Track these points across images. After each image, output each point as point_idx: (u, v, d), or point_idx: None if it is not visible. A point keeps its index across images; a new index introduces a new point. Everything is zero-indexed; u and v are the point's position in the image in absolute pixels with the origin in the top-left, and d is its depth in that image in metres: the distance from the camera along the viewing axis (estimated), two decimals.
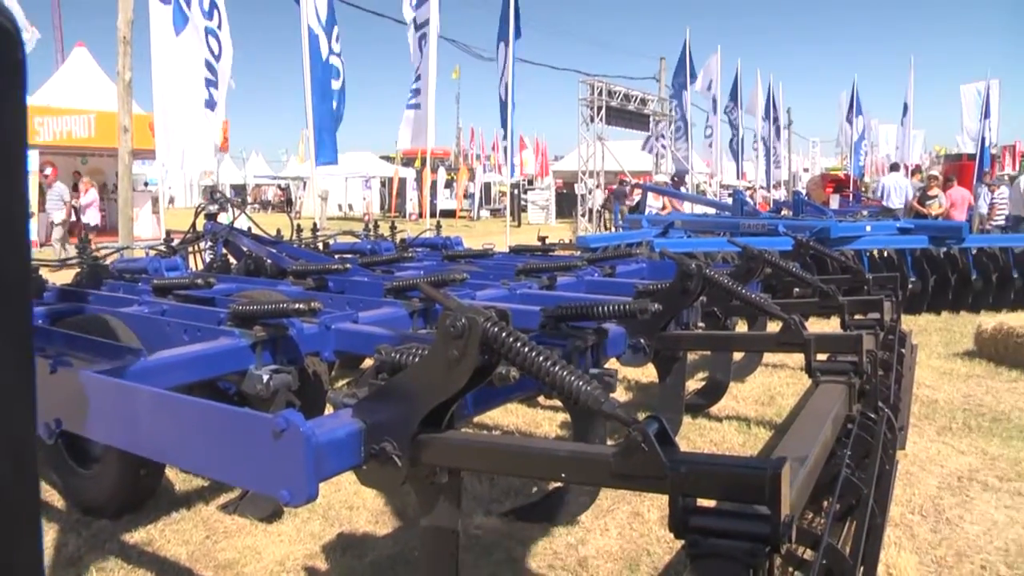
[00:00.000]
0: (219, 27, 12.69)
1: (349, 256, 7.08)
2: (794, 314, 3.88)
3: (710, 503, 1.99)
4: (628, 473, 1.97)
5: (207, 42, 12.44)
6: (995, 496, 4.68)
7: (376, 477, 2.35)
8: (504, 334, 2.14)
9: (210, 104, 12.56)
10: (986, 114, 28.13)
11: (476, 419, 5.55)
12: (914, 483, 4.82)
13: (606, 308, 3.48)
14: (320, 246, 8.43)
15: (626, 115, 26.11)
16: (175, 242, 7.73)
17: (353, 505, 4.37)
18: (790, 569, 2.52)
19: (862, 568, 2.44)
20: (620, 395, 6.68)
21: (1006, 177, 25.35)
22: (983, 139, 27.09)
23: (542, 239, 8.12)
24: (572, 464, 2.17)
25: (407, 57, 16.41)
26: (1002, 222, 17.73)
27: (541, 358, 2.15)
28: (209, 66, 12.48)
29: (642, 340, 4.03)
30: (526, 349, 2.15)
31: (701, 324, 4.91)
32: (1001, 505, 4.56)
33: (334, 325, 3.92)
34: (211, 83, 12.53)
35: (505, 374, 2.34)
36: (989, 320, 8.59)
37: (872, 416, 3.47)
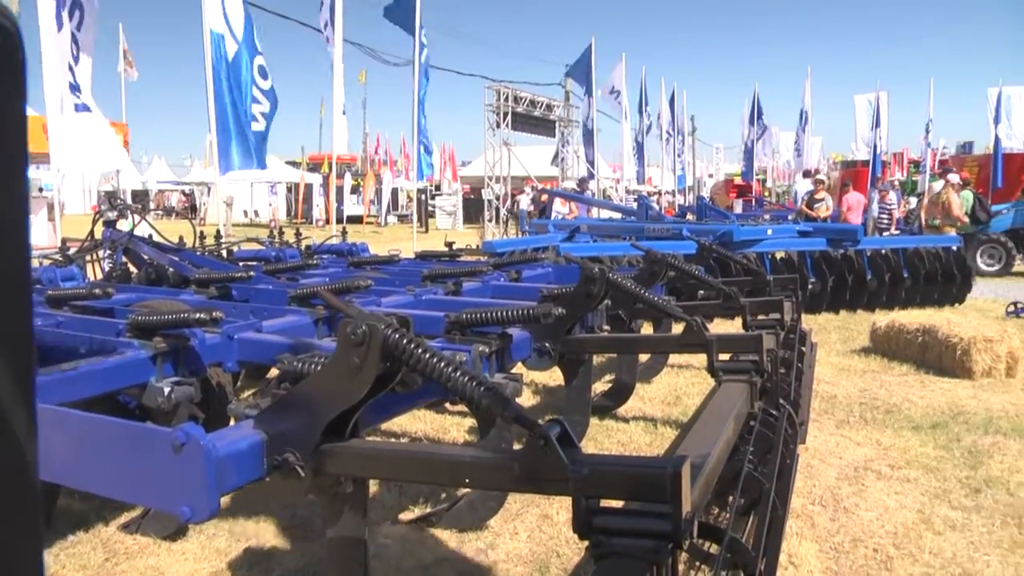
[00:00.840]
0: (78, 29, 11.93)
1: (253, 264, 6.96)
2: (696, 316, 3.95)
3: (617, 503, 2.01)
4: (531, 476, 1.97)
5: (71, 45, 11.71)
6: (887, 484, 4.92)
7: (280, 489, 2.31)
8: (405, 341, 2.12)
9: (81, 108, 11.78)
10: (876, 123, 29.28)
11: (383, 426, 5.51)
12: (815, 475, 4.98)
13: (510, 313, 3.49)
14: (224, 254, 8.26)
15: (532, 121, 26.32)
16: (71, 251, 7.46)
17: (259, 518, 4.28)
18: (696, 564, 2.56)
19: (764, 559, 2.50)
20: (527, 399, 6.72)
21: (896, 183, 26.38)
22: (875, 147, 28.21)
23: (449, 244, 8.10)
24: (476, 469, 2.17)
25: (313, 62, 16.23)
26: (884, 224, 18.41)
27: (443, 364, 2.14)
28: (71, 69, 11.70)
29: (547, 344, 4.05)
30: (427, 355, 2.14)
31: (606, 327, 4.97)
32: (892, 492, 4.79)
33: (237, 335, 3.82)
34: (75, 88, 11.71)
35: (408, 381, 2.33)
36: (883, 318, 8.96)
37: (774, 413, 3.55)
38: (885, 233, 19.31)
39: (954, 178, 15.75)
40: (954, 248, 12.58)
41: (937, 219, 14.73)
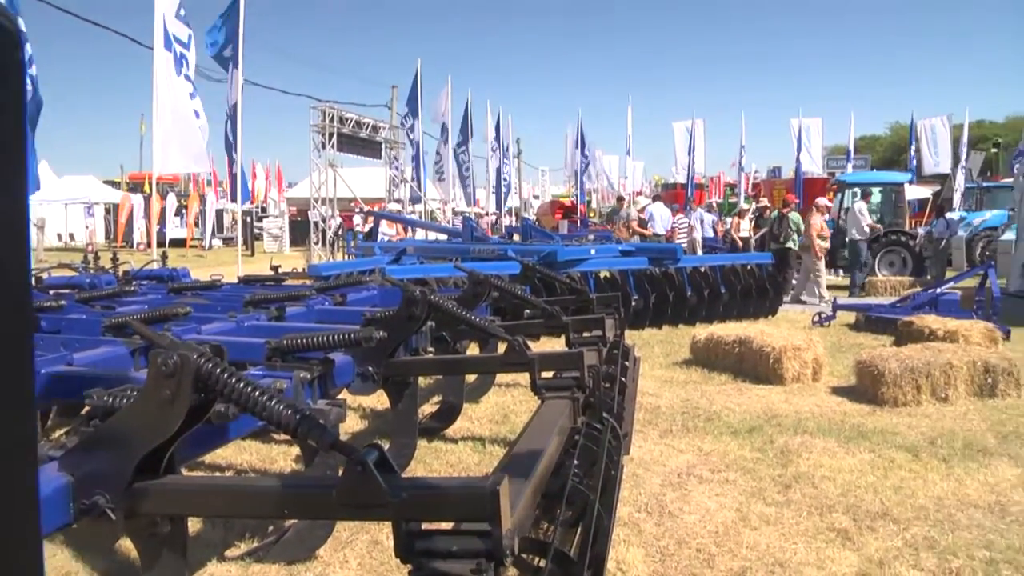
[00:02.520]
0: None
1: (66, 291, 6.56)
2: (518, 335, 4.01)
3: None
4: (351, 503, 1.95)
5: None
6: (708, 487, 5.17)
7: (90, 535, 2.19)
8: (219, 371, 2.06)
9: None
10: (692, 148, 30.82)
11: (208, 460, 5.31)
12: (640, 483, 5.15)
13: (332, 338, 3.45)
14: (32, 281, 7.75)
15: (358, 142, 26.06)
16: None
17: (70, 570, 4.01)
18: None
19: (591, 569, 2.55)
20: (354, 424, 6.63)
21: (714, 204, 27.79)
22: (690, 170, 29.73)
23: (275, 268, 7.91)
24: (296, 499, 2.12)
25: (132, 76, 15.43)
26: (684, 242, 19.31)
27: (257, 393, 2.09)
28: None
29: (370, 368, 4.01)
30: (242, 385, 2.08)
31: (431, 349, 4.97)
32: (713, 494, 5.04)
33: (44, 369, 3.60)
34: None
35: (223, 412, 2.26)
36: (702, 331, 9.39)
37: (597, 426, 3.65)
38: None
39: (821, 201, 16.67)
40: (767, 265, 13.39)
41: (807, 240, 15.53)
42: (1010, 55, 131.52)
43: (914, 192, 23.47)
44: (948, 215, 20.33)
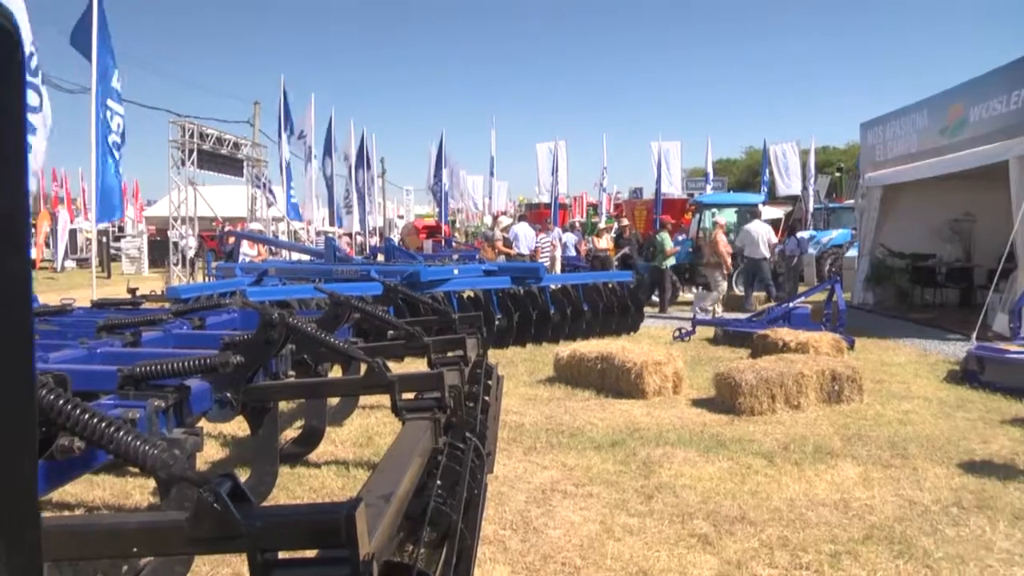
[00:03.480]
0: None
1: None
2: (379, 357, 3.98)
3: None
4: (203, 536, 1.89)
5: None
6: (573, 501, 5.25)
7: None
8: (61, 402, 1.97)
9: None
10: (555, 169, 31.33)
11: (54, 498, 5.05)
12: (505, 501, 5.19)
13: (187, 363, 3.34)
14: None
15: (219, 159, 25.32)
16: None
17: None
18: None
19: None
20: (215, 452, 6.44)
21: (577, 224, 28.31)
22: (554, 190, 30.22)
23: (132, 291, 7.60)
24: (146, 536, 2.03)
25: None
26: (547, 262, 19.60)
27: (104, 425, 2.00)
28: None
29: (228, 394, 3.89)
30: (87, 416, 2.00)
31: (292, 372, 4.87)
32: (577, 508, 5.13)
33: None
34: None
35: (67, 446, 2.15)
36: (565, 349, 9.53)
37: (460, 446, 3.65)
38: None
39: (721, 219, 17.04)
40: (629, 282, 13.73)
41: (710, 258, 15.87)
42: (849, 88, 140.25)
43: (768, 213, 24.52)
44: (799, 234, 21.30)
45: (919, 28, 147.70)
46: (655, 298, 17.86)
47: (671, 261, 17.21)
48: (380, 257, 19.24)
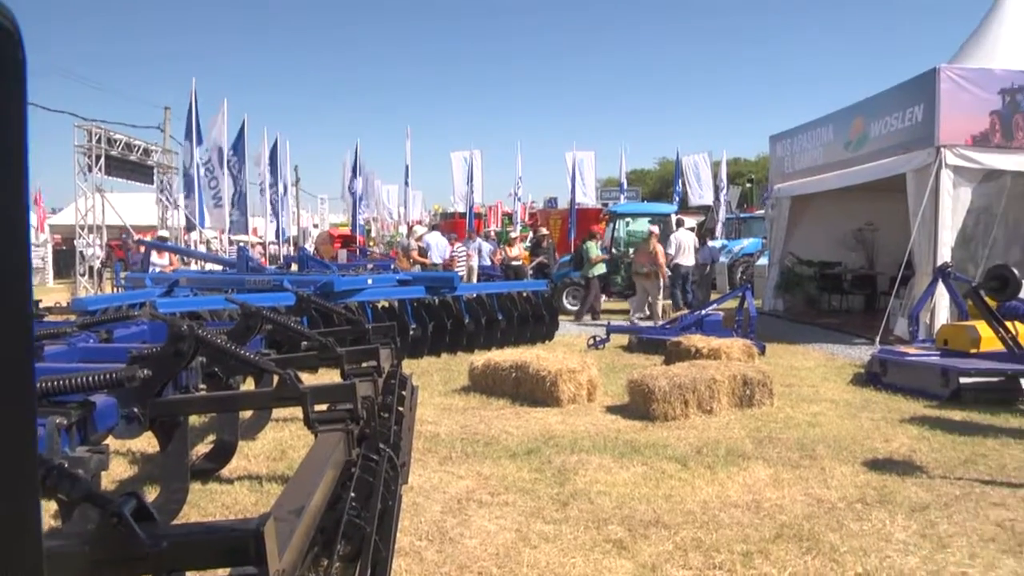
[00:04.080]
0: None
1: None
2: (292, 369, 3.93)
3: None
4: (107, 559, 1.84)
5: None
6: (488, 510, 5.25)
7: None
8: None
9: None
10: (470, 178, 31.37)
11: None
12: (420, 512, 5.16)
13: (92, 378, 3.25)
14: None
15: (128, 166, 24.57)
16: None
17: None
18: None
19: None
20: (122, 470, 6.26)
21: (492, 233, 28.37)
22: (469, 200, 30.26)
23: (35, 303, 7.32)
24: (47, 560, 1.97)
25: None
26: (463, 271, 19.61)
27: None
28: None
29: (136, 409, 3.79)
30: None
31: (203, 386, 4.77)
32: (493, 517, 5.13)
33: None
34: None
35: None
36: (480, 358, 9.51)
37: (374, 457, 3.62)
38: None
39: (655, 229, 17.10)
40: (543, 291, 13.82)
41: (645, 267, 15.88)
42: (758, 102, 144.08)
43: (688, 222, 25.03)
44: (711, 243, 21.75)
45: (825, 43, 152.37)
46: (569, 306, 18.02)
47: (599, 269, 17.34)
48: (294, 267, 19.01)
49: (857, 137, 15.61)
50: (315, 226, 53.63)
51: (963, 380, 8.88)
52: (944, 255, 12.51)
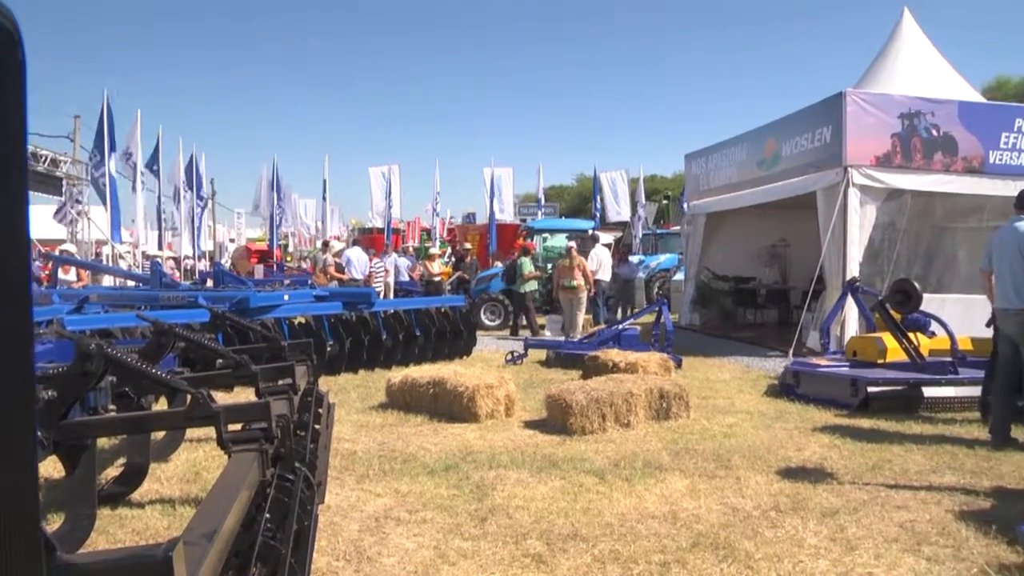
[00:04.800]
0: None
1: None
2: (205, 387, 3.85)
3: None
4: None
5: None
6: (406, 528, 5.22)
7: None
8: None
9: None
10: (389, 193, 31.24)
11: None
12: (337, 531, 5.10)
13: None
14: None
15: (35, 176, 23.79)
16: None
17: None
18: None
19: None
20: None
21: (410, 248, 28.28)
22: (388, 215, 30.13)
23: None
24: None
25: None
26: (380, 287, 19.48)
27: None
28: None
29: (39, 433, 3.67)
30: None
31: (112, 407, 4.63)
32: (411, 534, 5.10)
33: None
34: None
35: None
36: (397, 374, 9.47)
37: (290, 477, 3.57)
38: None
39: (572, 243, 17.08)
40: (461, 307, 13.82)
41: (574, 281, 15.80)
42: (675, 120, 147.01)
43: (605, 237, 25.32)
44: (629, 258, 22.03)
45: (738, 63, 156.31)
46: (487, 322, 18.04)
47: (531, 285, 17.38)
48: (209, 282, 18.64)
49: (770, 156, 16.05)
50: (232, 241, 52.72)
51: (871, 389, 9.20)
52: (853, 270, 12.95)
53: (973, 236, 14.75)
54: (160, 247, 32.29)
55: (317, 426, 5.01)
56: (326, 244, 21.54)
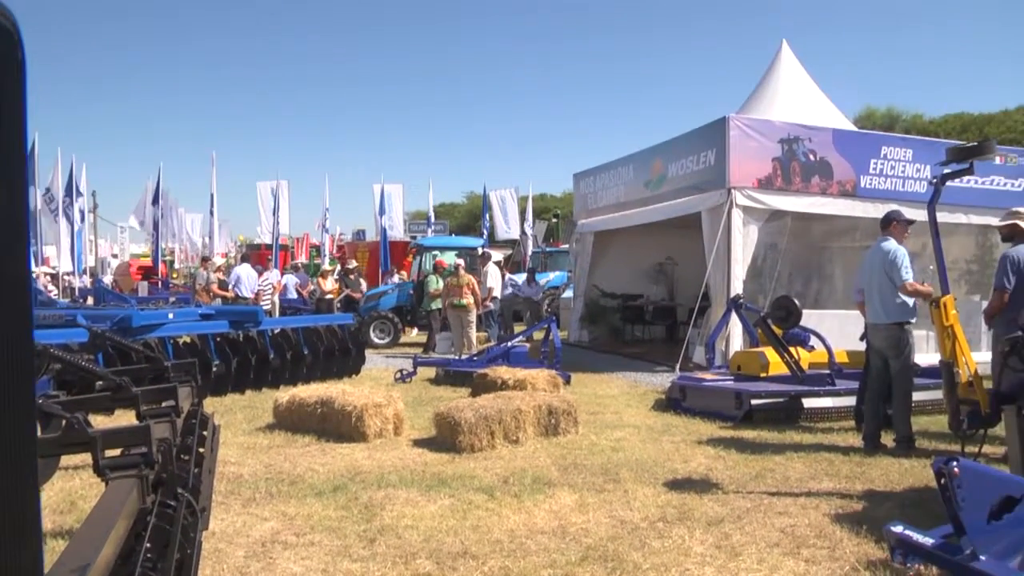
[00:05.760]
0: None
1: None
2: (81, 411, 3.72)
3: None
4: None
5: None
6: (294, 551, 5.13)
7: None
8: None
9: None
10: (277, 209, 30.71)
11: None
12: (222, 558, 4.98)
13: None
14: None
15: None
16: None
17: None
18: None
19: None
20: None
21: (300, 265, 27.87)
22: (275, 231, 29.59)
23: None
24: None
25: None
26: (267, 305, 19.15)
27: None
28: None
29: None
30: None
31: None
32: (299, 558, 5.01)
33: None
34: None
35: None
36: (284, 394, 9.30)
37: (172, 504, 3.47)
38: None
39: (460, 261, 16.93)
40: (350, 325, 13.70)
41: (463, 299, 15.60)
42: (563, 140, 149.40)
43: (495, 255, 25.48)
44: (517, 276, 22.19)
45: (626, 85, 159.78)
46: (377, 340, 17.91)
47: (439, 303, 17.25)
48: (90, 300, 18.00)
49: (657, 177, 16.47)
50: (114, 256, 50.95)
51: (754, 402, 9.52)
52: (736, 287, 13.40)
53: (848, 255, 15.55)
54: (37, 262, 30.96)
55: (201, 449, 4.86)
56: (205, 260, 20.91)
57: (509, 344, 13.59)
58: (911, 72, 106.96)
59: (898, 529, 4.41)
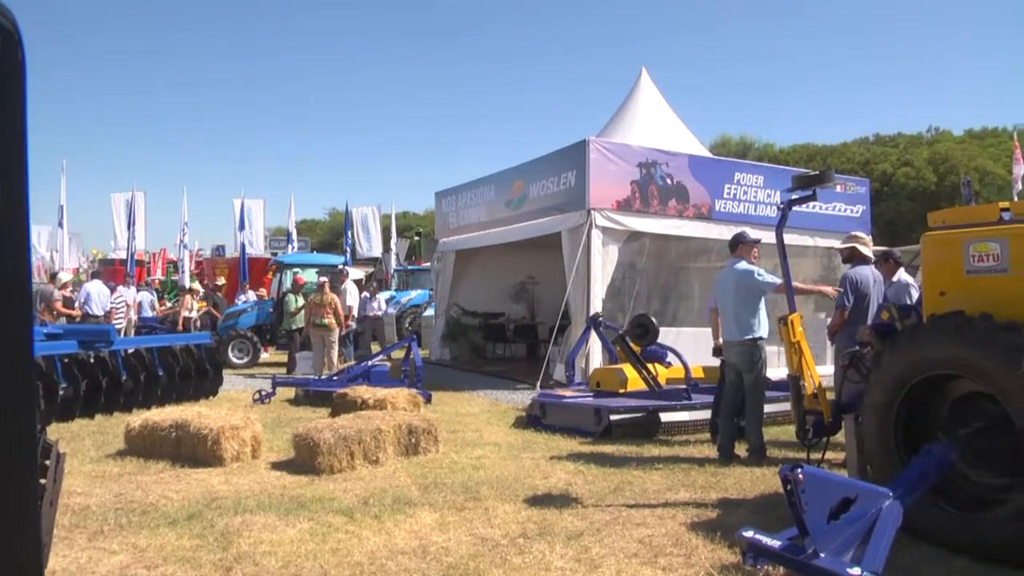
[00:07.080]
0: None
1: None
2: None
3: None
4: None
5: None
6: None
7: None
8: None
9: None
10: (132, 222, 29.52)
11: None
12: None
13: None
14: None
15: None
16: None
17: None
18: None
19: None
20: None
21: (156, 281, 26.88)
22: (131, 245, 28.45)
23: None
24: None
25: None
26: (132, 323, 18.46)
27: None
28: None
29: None
30: None
31: None
32: None
33: None
34: None
35: None
36: (137, 418, 8.90)
37: None
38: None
39: (324, 279, 16.48)
40: (207, 344, 13.29)
41: (325, 319, 15.16)
42: (424, 158, 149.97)
43: (355, 273, 25.19)
44: (380, 294, 22.03)
45: (487, 104, 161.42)
46: (235, 360, 17.46)
47: (300, 321, 16.87)
48: None
49: (518, 197, 16.69)
50: None
51: (613, 417, 9.72)
52: (596, 306, 13.68)
53: (703, 275, 16.15)
54: None
55: (43, 480, 4.60)
56: (54, 276, 19.87)
57: (370, 363, 13.46)
58: (763, 104, 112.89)
59: (749, 534, 4.57)
